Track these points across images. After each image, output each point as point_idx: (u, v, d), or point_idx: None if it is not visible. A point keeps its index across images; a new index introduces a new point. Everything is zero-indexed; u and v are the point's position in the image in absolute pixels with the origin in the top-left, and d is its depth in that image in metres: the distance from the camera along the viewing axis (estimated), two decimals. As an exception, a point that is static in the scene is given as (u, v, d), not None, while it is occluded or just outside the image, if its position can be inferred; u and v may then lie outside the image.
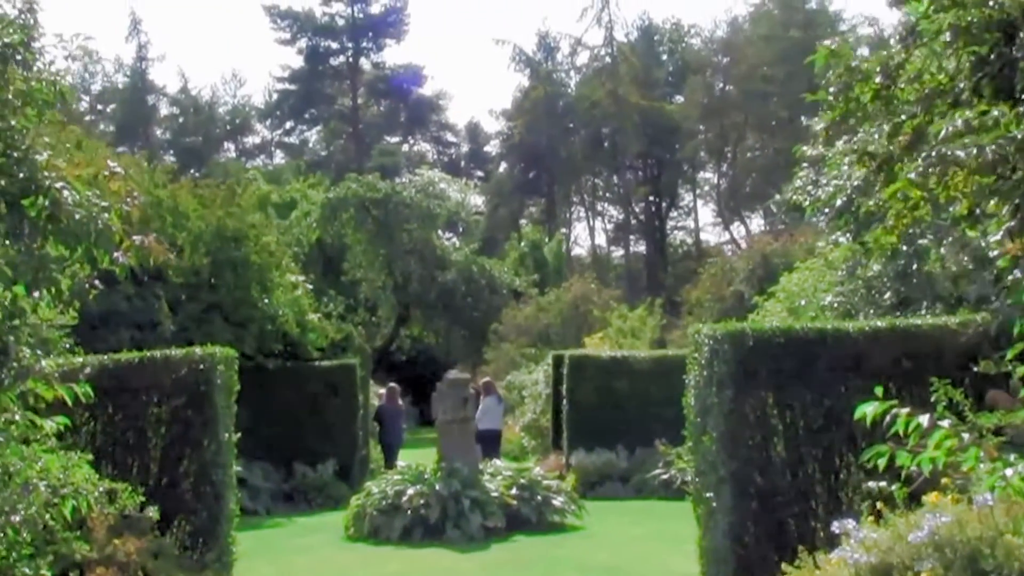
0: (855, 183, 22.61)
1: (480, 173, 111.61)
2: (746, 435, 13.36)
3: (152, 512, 13.50)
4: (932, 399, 9.45)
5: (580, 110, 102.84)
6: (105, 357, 14.98)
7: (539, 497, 22.52)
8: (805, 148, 24.04)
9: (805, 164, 24.91)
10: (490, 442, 31.67)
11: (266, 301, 29.34)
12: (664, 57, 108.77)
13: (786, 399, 13.30)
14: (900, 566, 7.58)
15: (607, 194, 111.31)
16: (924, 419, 8.30)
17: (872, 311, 28.51)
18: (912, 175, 10.79)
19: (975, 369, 11.60)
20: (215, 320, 28.35)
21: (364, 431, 32.16)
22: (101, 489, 10.29)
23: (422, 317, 61.80)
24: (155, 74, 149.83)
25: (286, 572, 18.72)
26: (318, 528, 24.09)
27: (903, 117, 12.07)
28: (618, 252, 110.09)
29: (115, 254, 9.67)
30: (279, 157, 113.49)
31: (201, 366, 14.10)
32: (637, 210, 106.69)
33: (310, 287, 33.69)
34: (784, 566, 9.39)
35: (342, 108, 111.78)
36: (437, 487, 21.82)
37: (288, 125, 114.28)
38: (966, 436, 8.39)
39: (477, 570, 18.70)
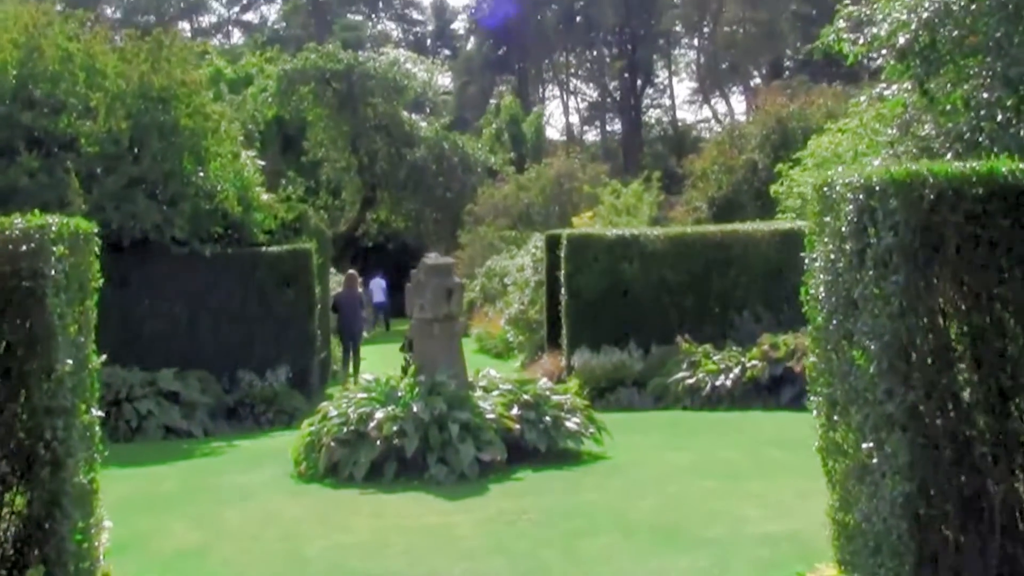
0: (925, 15, 18.40)
1: (447, 52, 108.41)
2: (927, 349, 8.19)
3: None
4: None
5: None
6: None
7: (548, 418, 17.28)
8: None
9: (847, 1, 21.06)
10: None
11: (201, 174, 25.46)
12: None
13: (993, 288, 8.18)
14: None
15: (580, 71, 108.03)
16: None
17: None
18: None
19: None
20: (138, 197, 24.30)
21: (323, 329, 28.52)
22: None
23: (390, 199, 59.10)
24: None
25: (206, 541, 13.34)
26: (265, 456, 18.95)
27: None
28: (592, 132, 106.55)
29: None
30: (237, 37, 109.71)
31: (22, 248, 8.32)
32: (611, 88, 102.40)
33: (261, 163, 28.88)
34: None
35: None
36: (415, 408, 16.47)
37: (245, 0, 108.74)
38: None
39: (474, 528, 13.38)
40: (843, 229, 8.84)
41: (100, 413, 9.65)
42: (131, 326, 24.20)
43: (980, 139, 18.11)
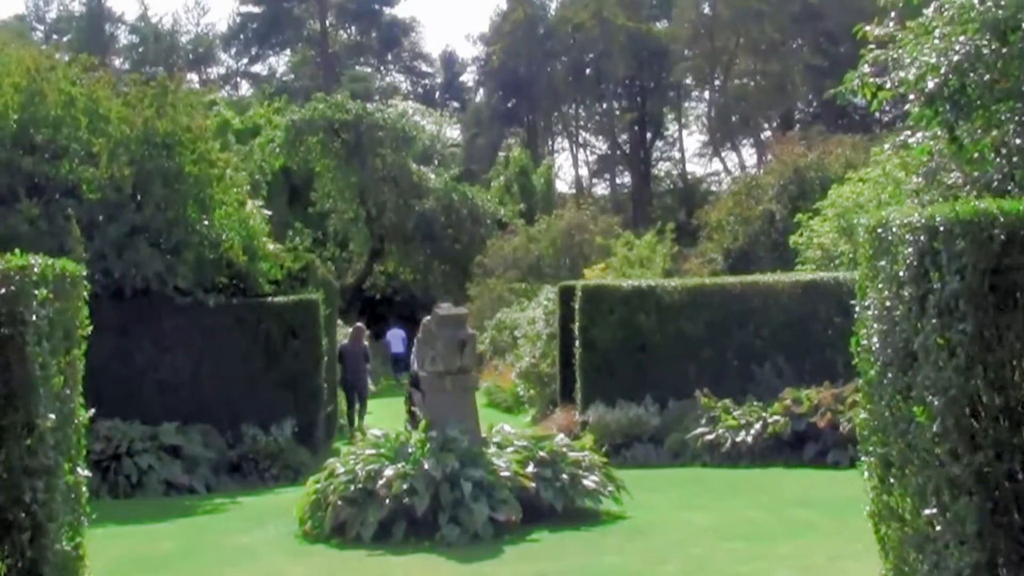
0: (956, 57, 17.75)
1: (456, 104, 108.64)
2: (997, 405, 7.43)
3: None
4: None
5: (562, 33, 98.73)
6: None
7: (565, 476, 16.46)
8: (868, 27, 19.68)
9: (872, 45, 20.36)
10: None
11: (206, 222, 24.84)
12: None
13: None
14: None
15: (589, 124, 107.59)
16: None
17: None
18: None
19: None
20: (141, 245, 23.73)
21: (331, 383, 27.76)
22: None
23: (398, 251, 58.44)
24: (113, 1, 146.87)
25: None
26: (269, 514, 18.13)
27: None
28: (601, 185, 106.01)
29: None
30: (245, 89, 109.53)
31: (0, 291, 7.47)
32: (620, 140, 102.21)
33: (268, 213, 28.27)
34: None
35: (310, 32, 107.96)
36: (426, 465, 15.68)
37: (253, 51, 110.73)
38: None
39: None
40: (901, 273, 8.09)
41: (87, 472, 8.86)
42: (132, 378, 23.55)
43: (1009, 187, 17.45)
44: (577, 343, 25.60)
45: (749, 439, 22.15)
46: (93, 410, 9.10)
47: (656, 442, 23.62)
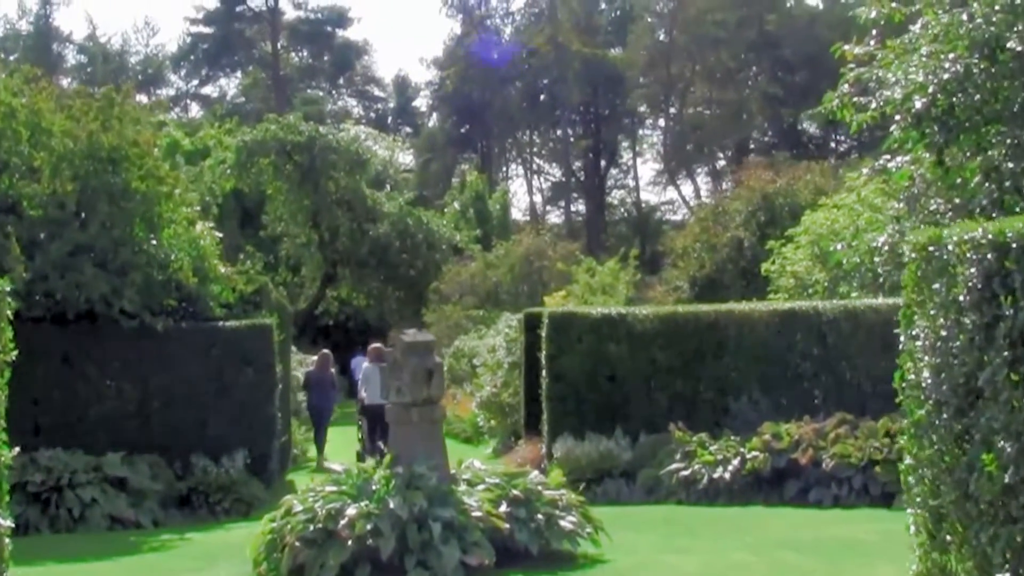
0: (945, 76, 17.10)
1: (409, 129, 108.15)
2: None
3: None
4: None
5: (517, 59, 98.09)
6: None
7: (540, 516, 15.34)
8: (847, 47, 19.29)
9: (852, 65, 19.81)
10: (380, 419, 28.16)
11: (154, 242, 23.87)
12: (604, 2, 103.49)
13: None
14: None
15: (543, 151, 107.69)
16: None
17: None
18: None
19: None
20: (84, 266, 22.67)
21: (285, 412, 26.66)
22: None
23: (351, 276, 57.78)
24: (61, 20, 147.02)
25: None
26: (220, 554, 16.93)
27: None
28: (555, 213, 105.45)
29: None
30: (195, 111, 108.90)
31: None
32: (575, 168, 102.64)
33: (218, 235, 27.25)
34: None
35: (262, 54, 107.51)
36: (391, 504, 14.51)
37: (204, 73, 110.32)
38: None
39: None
40: (961, 298, 7.02)
41: (8, 523, 7.71)
42: (74, 406, 22.66)
43: (994, 214, 16.64)
44: (543, 372, 24.49)
45: (727, 476, 21.06)
46: (18, 448, 7.96)
47: (628, 477, 22.48)
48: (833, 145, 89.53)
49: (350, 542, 14.25)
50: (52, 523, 20.29)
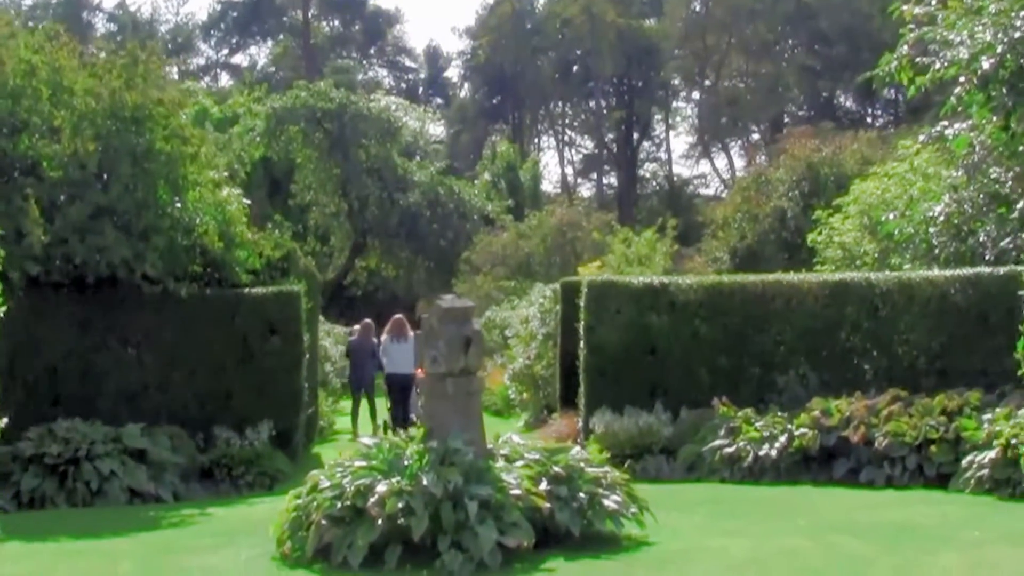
0: (1017, 34, 16.21)
1: (440, 100, 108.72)
2: None
3: None
4: None
5: (550, 29, 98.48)
6: None
7: (583, 495, 14.47)
8: (906, 6, 18.13)
9: (911, 25, 18.88)
10: (403, 391, 29.67)
11: (178, 205, 23.03)
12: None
13: None
14: None
15: (575, 123, 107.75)
16: None
17: (994, 227, 22.02)
18: None
19: None
20: (106, 229, 21.83)
21: (312, 382, 25.89)
22: None
23: (381, 246, 57.75)
24: None
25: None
26: (242, 530, 16.09)
27: None
28: (586, 186, 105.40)
29: None
30: (225, 80, 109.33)
31: None
32: (607, 140, 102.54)
33: (247, 202, 26.51)
34: None
35: (292, 22, 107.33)
36: (424, 481, 13.65)
37: (234, 42, 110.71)
38: None
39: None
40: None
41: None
42: (93, 375, 22.01)
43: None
44: (581, 344, 23.67)
45: (773, 453, 20.11)
46: (6, 419, 7.17)
47: (668, 453, 21.63)
48: (870, 120, 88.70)
49: (380, 521, 13.36)
50: (69, 497, 19.53)
